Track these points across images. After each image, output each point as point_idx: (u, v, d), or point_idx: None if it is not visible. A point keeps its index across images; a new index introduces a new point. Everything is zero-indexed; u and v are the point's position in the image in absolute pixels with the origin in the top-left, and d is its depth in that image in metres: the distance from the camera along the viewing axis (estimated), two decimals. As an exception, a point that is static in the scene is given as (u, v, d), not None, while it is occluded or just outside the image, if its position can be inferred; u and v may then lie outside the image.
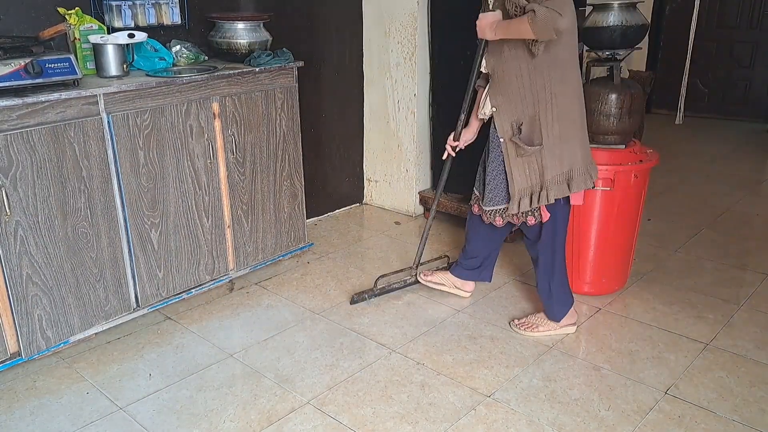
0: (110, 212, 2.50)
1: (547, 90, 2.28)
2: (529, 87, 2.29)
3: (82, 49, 2.65)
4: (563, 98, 2.30)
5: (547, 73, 2.26)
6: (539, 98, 2.29)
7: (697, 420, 2.14)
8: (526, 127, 2.33)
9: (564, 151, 2.34)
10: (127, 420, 2.17)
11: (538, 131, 2.31)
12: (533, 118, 2.31)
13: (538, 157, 2.34)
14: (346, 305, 2.92)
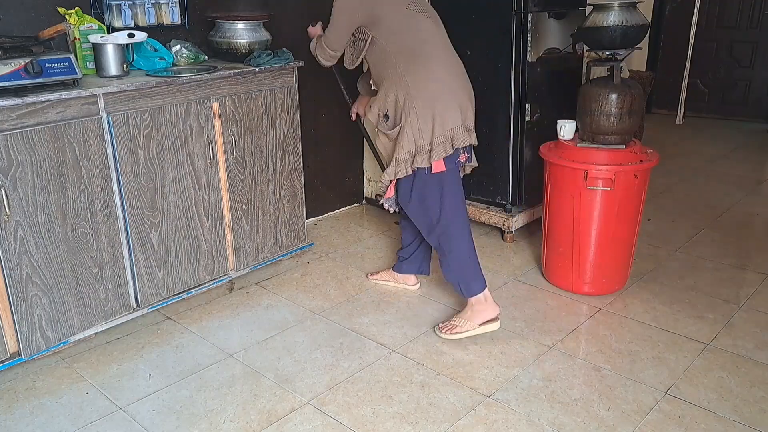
0: (110, 212, 2.50)
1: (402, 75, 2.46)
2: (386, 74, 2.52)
3: (82, 48, 2.65)
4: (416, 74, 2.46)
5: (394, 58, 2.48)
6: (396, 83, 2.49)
7: (697, 420, 2.14)
8: (390, 113, 2.52)
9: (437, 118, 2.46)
10: (127, 420, 2.17)
11: (400, 113, 2.48)
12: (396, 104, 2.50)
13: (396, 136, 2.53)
14: (346, 305, 2.91)
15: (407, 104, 2.43)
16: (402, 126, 2.46)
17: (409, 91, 2.43)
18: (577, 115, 2.89)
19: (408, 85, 2.43)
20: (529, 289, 3.04)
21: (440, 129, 2.45)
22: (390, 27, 2.47)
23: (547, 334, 2.65)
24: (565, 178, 2.83)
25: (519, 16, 3.20)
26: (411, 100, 2.43)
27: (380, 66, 2.50)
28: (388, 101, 2.49)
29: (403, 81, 2.44)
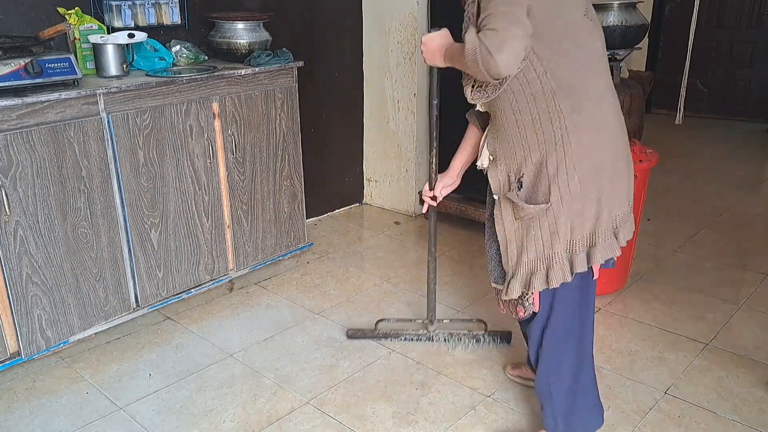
0: (110, 212, 2.50)
1: (557, 123, 1.64)
2: (531, 124, 1.67)
3: (82, 49, 2.65)
4: (581, 133, 1.65)
5: (552, 102, 1.64)
6: (547, 137, 1.66)
7: (697, 420, 2.14)
8: (528, 179, 1.71)
9: (587, 208, 1.69)
10: (127, 420, 2.17)
11: (545, 184, 1.68)
12: (539, 166, 1.68)
13: (544, 220, 1.71)
14: (346, 305, 2.92)
15: (561, 173, 1.65)
16: (550, 205, 1.69)
17: (567, 154, 1.64)
18: (577, 115, 2.89)
19: (569, 143, 1.64)
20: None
21: (608, 215, 1.72)
22: (553, 39, 1.62)
23: (546, 334, 2.65)
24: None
25: (519, 16, 3.20)
26: (569, 168, 1.65)
27: (522, 105, 1.67)
28: (528, 163, 1.69)
29: (561, 136, 1.64)
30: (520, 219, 1.73)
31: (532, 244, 1.73)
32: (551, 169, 1.66)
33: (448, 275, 3.19)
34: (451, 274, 3.20)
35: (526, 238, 1.73)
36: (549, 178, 1.66)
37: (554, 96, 1.63)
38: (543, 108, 1.64)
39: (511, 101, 1.68)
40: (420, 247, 3.55)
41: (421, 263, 3.34)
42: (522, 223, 1.73)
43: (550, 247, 1.71)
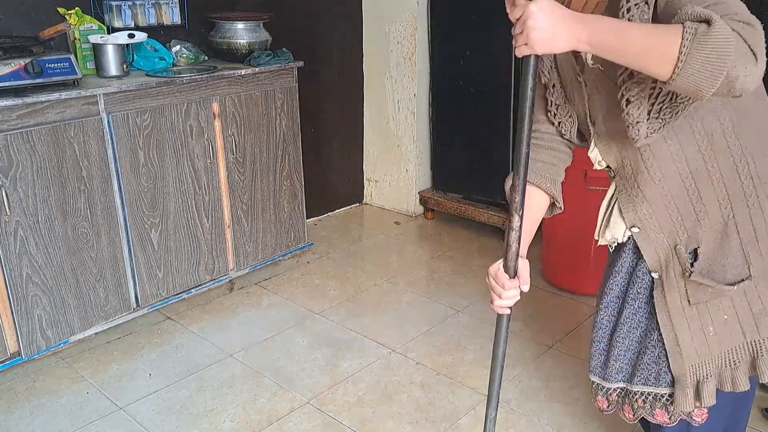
0: (110, 212, 2.50)
1: (745, 173, 1.20)
2: (706, 176, 1.21)
3: (82, 49, 2.65)
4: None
5: (737, 142, 1.19)
6: (732, 190, 1.21)
7: (697, 420, 2.14)
8: (708, 249, 1.25)
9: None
10: (127, 420, 2.17)
11: (738, 252, 1.24)
12: (724, 230, 1.23)
13: (739, 300, 1.26)
14: (346, 305, 2.92)
15: (762, 234, 1.23)
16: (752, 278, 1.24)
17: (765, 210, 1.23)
18: (578, 115, 2.88)
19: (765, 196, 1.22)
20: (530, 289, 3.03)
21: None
22: None
23: (547, 334, 2.65)
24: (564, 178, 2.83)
25: (519, 16, 3.20)
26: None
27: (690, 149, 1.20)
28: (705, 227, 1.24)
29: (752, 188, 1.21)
30: (697, 303, 1.27)
31: (725, 330, 1.27)
32: (745, 233, 1.22)
33: (448, 275, 3.19)
34: (450, 273, 3.20)
35: (713, 325, 1.27)
36: (743, 244, 1.23)
37: (737, 135, 1.18)
38: (723, 151, 1.18)
39: (672, 148, 1.19)
40: (420, 247, 3.55)
41: (421, 263, 3.34)
42: (701, 309, 1.27)
43: (755, 331, 1.26)
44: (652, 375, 1.36)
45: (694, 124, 1.17)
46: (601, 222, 1.45)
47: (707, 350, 1.28)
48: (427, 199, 3.87)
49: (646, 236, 1.30)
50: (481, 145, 3.52)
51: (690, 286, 1.26)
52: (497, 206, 3.54)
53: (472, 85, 3.47)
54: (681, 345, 1.29)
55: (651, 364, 1.36)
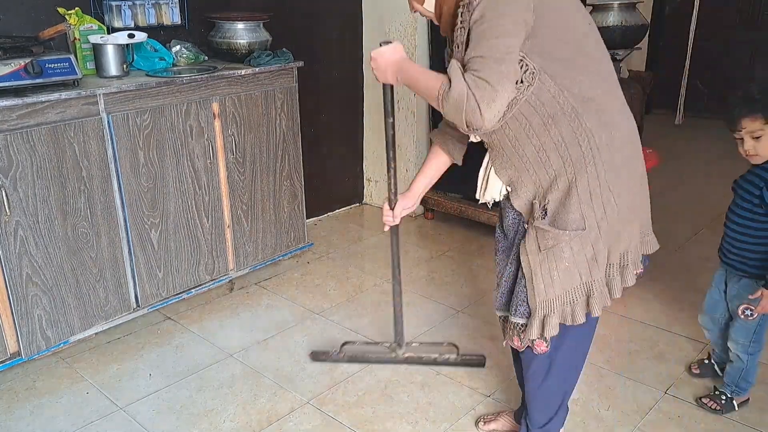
0: (110, 212, 2.50)
1: (585, 143, 1.49)
2: (553, 147, 1.51)
3: (82, 49, 2.65)
4: (612, 151, 1.52)
5: (576, 121, 1.49)
6: (574, 158, 1.50)
7: (697, 420, 2.14)
8: (555, 205, 1.54)
9: (623, 231, 1.58)
10: (127, 420, 2.17)
11: (577, 209, 1.51)
12: (567, 190, 1.52)
13: (578, 246, 1.54)
14: (346, 305, 2.92)
15: (596, 196, 1.51)
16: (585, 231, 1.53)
17: (601, 175, 1.50)
18: (577, 115, 2.89)
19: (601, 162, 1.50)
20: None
21: (639, 230, 1.65)
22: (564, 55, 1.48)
23: (546, 334, 2.65)
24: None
25: (519, 16, 3.20)
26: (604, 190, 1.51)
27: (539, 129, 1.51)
28: (555, 189, 1.53)
29: (591, 156, 1.49)
30: (546, 249, 1.55)
31: (566, 276, 1.56)
32: (583, 193, 1.50)
33: (448, 275, 3.19)
34: (450, 273, 3.20)
35: (557, 270, 1.55)
36: (582, 202, 1.50)
37: (577, 114, 1.48)
38: (565, 127, 1.48)
39: (525, 127, 1.51)
40: (420, 247, 3.55)
41: (421, 263, 3.34)
42: (549, 254, 1.55)
43: (588, 274, 1.56)
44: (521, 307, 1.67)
45: (538, 108, 1.48)
46: (480, 185, 1.76)
47: (552, 290, 1.58)
48: (427, 199, 3.87)
49: (516, 195, 1.62)
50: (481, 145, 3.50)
51: (539, 233, 1.56)
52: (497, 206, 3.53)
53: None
54: (535, 283, 1.59)
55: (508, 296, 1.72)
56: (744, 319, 2.06)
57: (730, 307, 2.14)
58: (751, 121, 1.89)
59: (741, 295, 2.07)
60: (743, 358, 2.12)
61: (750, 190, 1.99)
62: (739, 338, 2.11)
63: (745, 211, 2.00)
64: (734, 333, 2.12)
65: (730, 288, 2.12)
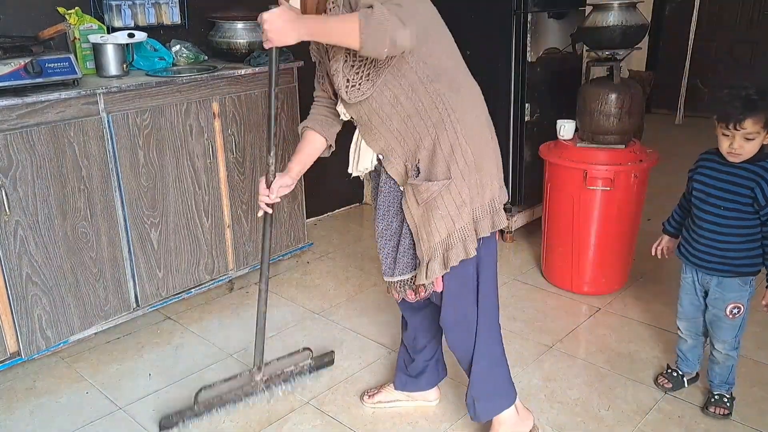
0: (110, 212, 2.50)
1: (441, 106, 1.70)
2: (415, 113, 1.70)
3: (82, 48, 2.65)
4: (464, 111, 1.73)
5: (432, 87, 1.69)
6: (434, 120, 1.70)
7: (697, 420, 2.14)
8: (425, 164, 1.73)
9: (483, 178, 1.76)
10: (127, 420, 2.17)
11: (443, 163, 1.71)
12: (433, 148, 1.71)
13: (448, 196, 1.72)
14: (346, 305, 2.91)
15: (456, 150, 1.71)
16: (452, 180, 1.71)
17: (457, 131, 1.71)
18: (577, 115, 2.89)
19: (456, 121, 1.71)
20: (528, 289, 3.04)
21: (498, 183, 1.83)
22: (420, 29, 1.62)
23: (547, 334, 2.65)
24: (564, 178, 2.83)
25: (519, 16, 3.20)
26: (462, 144, 1.71)
27: (402, 98, 1.70)
28: (422, 149, 1.72)
29: (447, 115, 1.70)
30: (424, 203, 1.73)
31: (442, 223, 1.73)
32: (446, 149, 1.70)
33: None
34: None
35: (435, 219, 1.73)
36: (445, 157, 1.70)
37: (431, 81, 1.68)
38: (423, 94, 1.68)
39: (389, 97, 1.70)
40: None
41: (421, 263, 3.34)
42: (427, 207, 1.73)
43: (460, 219, 1.73)
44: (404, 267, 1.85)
45: (400, 79, 1.67)
46: (352, 158, 2.00)
47: (433, 238, 1.74)
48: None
49: (389, 161, 1.80)
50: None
51: (415, 190, 1.73)
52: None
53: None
54: (419, 234, 1.76)
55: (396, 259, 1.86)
56: (731, 319, 2.06)
57: (713, 311, 2.12)
58: (753, 123, 1.89)
59: (725, 297, 2.07)
60: (732, 354, 2.12)
61: (734, 190, 1.96)
62: (727, 337, 2.10)
63: (731, 211, 1.98)
64: (721, 334, 2.11)
65: (712, 291, 2.10)
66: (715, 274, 2.06)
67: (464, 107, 1.73)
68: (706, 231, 2.05)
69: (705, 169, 2.07)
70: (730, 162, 1.99)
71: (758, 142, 1.92)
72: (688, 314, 2.22)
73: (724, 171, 2.01)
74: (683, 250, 2.16)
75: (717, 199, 2.01)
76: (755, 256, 2.00)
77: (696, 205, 2.09)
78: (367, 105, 1.74)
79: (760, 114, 1.88)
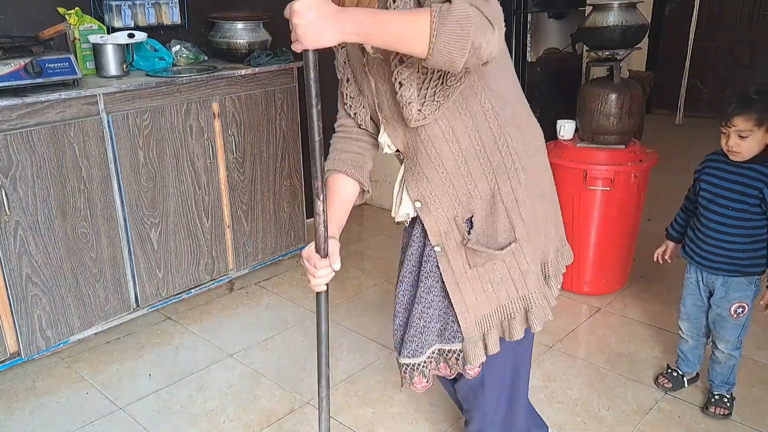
0: (110, 212, 2.50)
1: (505, 149, 1.37)
2: (473, 154, 1.36)
3: (82, 49, 2.65)
4: (527, 156, 1.41)
5: (495, 123, 1.35)
6: (495, 165, 1.37)
7: (697, 420, 2.14)
8: (481, 218, 1.40)
9: (546, 237, 1.51)
10: (127, 420, 2.17)
11: (505, 219, 1.39)
12: (492, 200, 1.39)
13: (509, 260, 1.42)
14: (346, 305, 2.91)
15: (522, 203, 1.40)
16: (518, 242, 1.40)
17: (522, 181, 1.39)
18: (577, 115, 2.89)
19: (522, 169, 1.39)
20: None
21: (556, 243, 1.59)
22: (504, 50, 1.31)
23: (547, 334, 2.65)
24: (564, 178, 2.83)
25: (518, 16, 3.20)
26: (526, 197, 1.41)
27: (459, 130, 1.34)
28: (477, 199, 1.39)
29: (512, 162, 1.38)
30: (476, 266, 1.41)
31: (501, 287, 1.43)
32: (509, 202, 1.38)
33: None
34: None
35: (491, 283, 1.43)
36: (508, 210, 1.38)
37: (496, 115, 1.34)
38: (486, 131, 1.34)
39: (444, 128, 1.32)
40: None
41: (421, 263, 3.34)
42: (478, 270, 1.42)
43: (524, 287, 1.44)
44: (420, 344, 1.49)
45: (460, 106, 1.30)
46: (395, 200, 1.52)
47: (488, 305, 1.44)
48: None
49: (428, 210, 1.42)
50: None
51: (468, 252, 1.40)
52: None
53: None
54: (467, 303, 1.43)
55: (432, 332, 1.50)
56: (736, 318, 2.06)
57: (717, 311, 2.12)
58: (743, 121, 1.89)
59: (730, 296, 2.06)
60: (735, 354, 2.12)
61: (742, 191, 1.96)
62: (730, 337, 2.10)
63: (739, 212, 1.98)
64: (724, 333, 2.11)
65: (717, 291, 2.10)
66: (722, 274, 2.06)
67: (529, 152, 1.40)
68: (713, 231, 2.04)
69: (712, 169, 2.07)
70: (737, 162, 1.98)
71: (755, 140, 1.91)
72: (691, 315, 2.22)
73: (732, 171, 2.00)
74: (689, 250, 2.16)
75: (725, 199, 2.01)
76: (761, 256, 1.99)
77: (703, 206, 2.08)
78: (417, 136, 1.36)
79: (751, 112, 1.87)
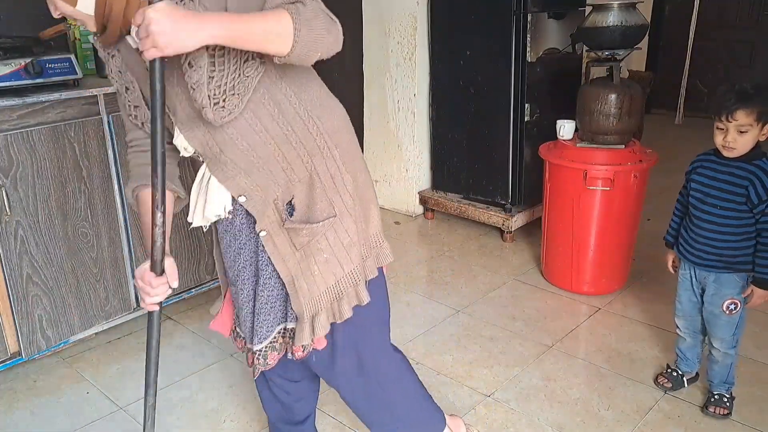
0: (110, 212, 2.50)
1: (315, 130, 1.40)
2: (285, 139, 1.37)
3: (83, 49, 2.65)
4: (338, 132, 1.45)
5: (301, 107, 1.38)
6: (309, 148, 1.40)
7: (697, 420, 2.14)
8: (300, 200, 1.42)
9: (367, 211, 1.54)
10: (127, 420, 2.17)
11: (323, 198, 1.42)
12: (310, 181, 1.41)
13: (332, 237, 1.45)
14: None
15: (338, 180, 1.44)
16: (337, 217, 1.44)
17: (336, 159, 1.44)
18: (577, 115, 2.89)
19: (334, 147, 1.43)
20: (528, 289, 3.04)
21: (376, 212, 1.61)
22: None
23: (546, 334, 2.66)
24: (564, 178, 2.83)
25: (518, 16, 3.21)
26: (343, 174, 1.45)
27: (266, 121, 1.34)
28: (296, 182, 1.41)
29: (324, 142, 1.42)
30: (302, 247, 1.42)
31: (327, 267, 1.45)
32: (326, 180, 1.41)
33: (448, 275, 3.19)
34: (450, 273, 3.20)
35: (318, 264, 1.44)
36: (326, 190, 1.41)
37: (300, 99, 1.36)
38: (293, 116, 1.36)
39: (249, 120, 1.32)
40: (420, 247, 3.55)
41: (422, 263, 3.34)
42: (305, 252, 1.43)
43: (349, 261, 1.47)
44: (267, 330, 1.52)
45: (262, 96, 1.31)
46: (195, 203, 1.48)
47: (316, 287, 1.44)
48: (427, 199, 3.87)
49: (253, 202, 1.41)
50: (481, 145, 3.52)
51: (291, 233, 1.42)
52: (497, 206, 3.54)
53: (472, 85, 3.47)
54: (296, 285, 1.44)
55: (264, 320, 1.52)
56: (728, 315, 2.06)
57: (709, 308, 2.12)
58: (745, 115, 1.90)
59: (722, 293, 2.07)
60: (731, 353, 2.12)
61: (731, 189, 1.97)
62: (725, 335, 2.10)
63: (729, 210, 1.99)
64: (718, 331, 2.11)
65: (709, 288, 2.10)
66: (713, 271, 2.06)
67: (339, 129, 1.45)
68: (704, 230, 2.05)
69: (703, 169, 2.08)
70: (727, 161, 1.99)
71: (752, 136, 1.92)
72: (686, 311, 2.22)
73: (722, 171, 2.01)
74: (681, 249, 2.16)
75: (715, 198, 2.01)
76: (752, 253, 2.00)
77: (694, 205, 2.09)
78: (220, 133, 1.33)
79: (752, 106, 1.88)
